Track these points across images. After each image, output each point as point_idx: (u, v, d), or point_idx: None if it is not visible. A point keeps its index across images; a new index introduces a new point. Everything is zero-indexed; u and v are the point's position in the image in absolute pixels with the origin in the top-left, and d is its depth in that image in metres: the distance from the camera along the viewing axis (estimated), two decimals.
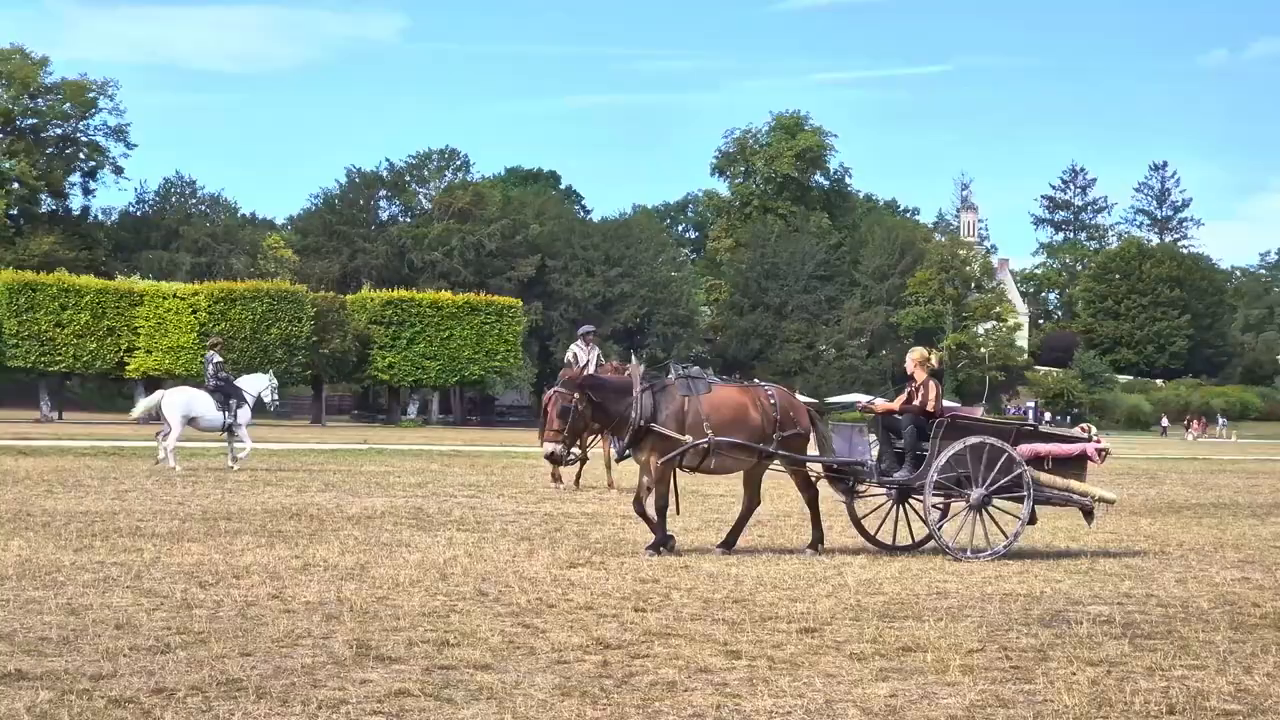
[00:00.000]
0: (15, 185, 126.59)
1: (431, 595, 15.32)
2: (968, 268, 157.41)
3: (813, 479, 21.49)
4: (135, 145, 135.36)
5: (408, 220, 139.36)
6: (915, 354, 21.83)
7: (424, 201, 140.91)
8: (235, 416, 37.15)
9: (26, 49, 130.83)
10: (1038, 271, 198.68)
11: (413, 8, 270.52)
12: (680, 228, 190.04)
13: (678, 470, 20.75)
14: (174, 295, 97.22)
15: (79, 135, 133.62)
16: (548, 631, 13.28)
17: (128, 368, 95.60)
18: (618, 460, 21.43)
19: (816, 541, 20.74)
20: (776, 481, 24.24)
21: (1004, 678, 11.65)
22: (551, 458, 20.89)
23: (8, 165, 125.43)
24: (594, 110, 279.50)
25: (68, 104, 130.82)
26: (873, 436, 21.70)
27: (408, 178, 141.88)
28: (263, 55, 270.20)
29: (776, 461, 21.05)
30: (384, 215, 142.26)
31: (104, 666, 11.27)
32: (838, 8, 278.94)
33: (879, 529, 21.60)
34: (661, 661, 12.02)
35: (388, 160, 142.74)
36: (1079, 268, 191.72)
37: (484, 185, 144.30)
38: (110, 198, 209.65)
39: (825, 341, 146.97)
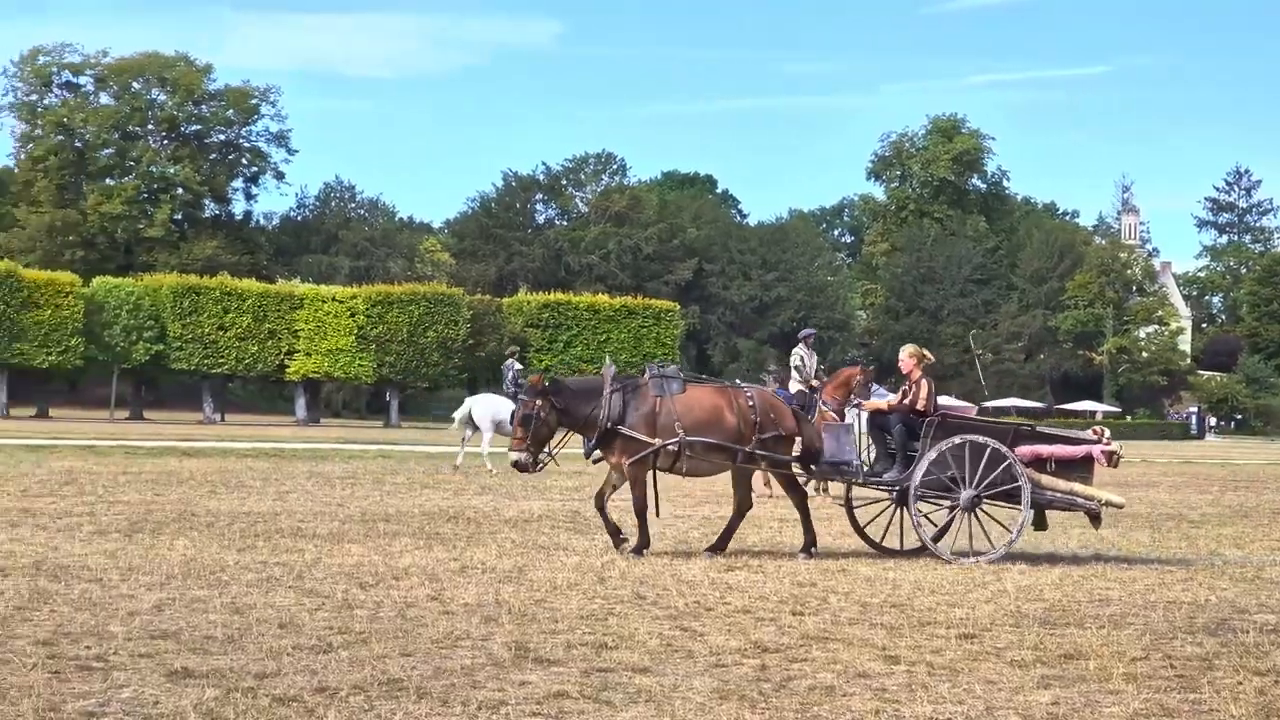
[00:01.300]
0: (180, 191, 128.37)
1: (589, 598, 15.35)
2: (1128, 271, 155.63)
3: (800, 481, 21.09)
4: (296, 151, 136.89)
5: (564, 224, 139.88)
6: (909, 351, 21.25)
7: (580, 205, 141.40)
8: None
9: (191, 56, 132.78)
10: (1201, 275, 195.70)
11: (568, 13, 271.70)
12: (836, 232, 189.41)
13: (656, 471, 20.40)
14: (333, 298, 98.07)
15: (241, 141, 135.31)
16: (705, 635, 13.26)
17: (288, 370, 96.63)
18: (591, 461, 20.92)
19: (809, 545, 20.14)
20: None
21: (1168, 687, 11.48)
22: (517, 466, 20.43)
23: (172, 171, 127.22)
24: (750, 114, 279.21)
25: (231, 110, 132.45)
26: (869, 438, 21.31)
27: (564, 181, 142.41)
28: (420, 61, 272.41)
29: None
30: (540, 219, 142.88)
31: (268, 665, 11.38)
32: (994, 8, 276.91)
33: (885, 534, 21.19)
34: (820, 666, 11.97)
35: (544, 164, 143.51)
36: (1243, 271, 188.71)
37: (641, 189, 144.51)
38: (272, 203, 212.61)
39: (982, 345, 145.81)
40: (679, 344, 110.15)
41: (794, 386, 31.91)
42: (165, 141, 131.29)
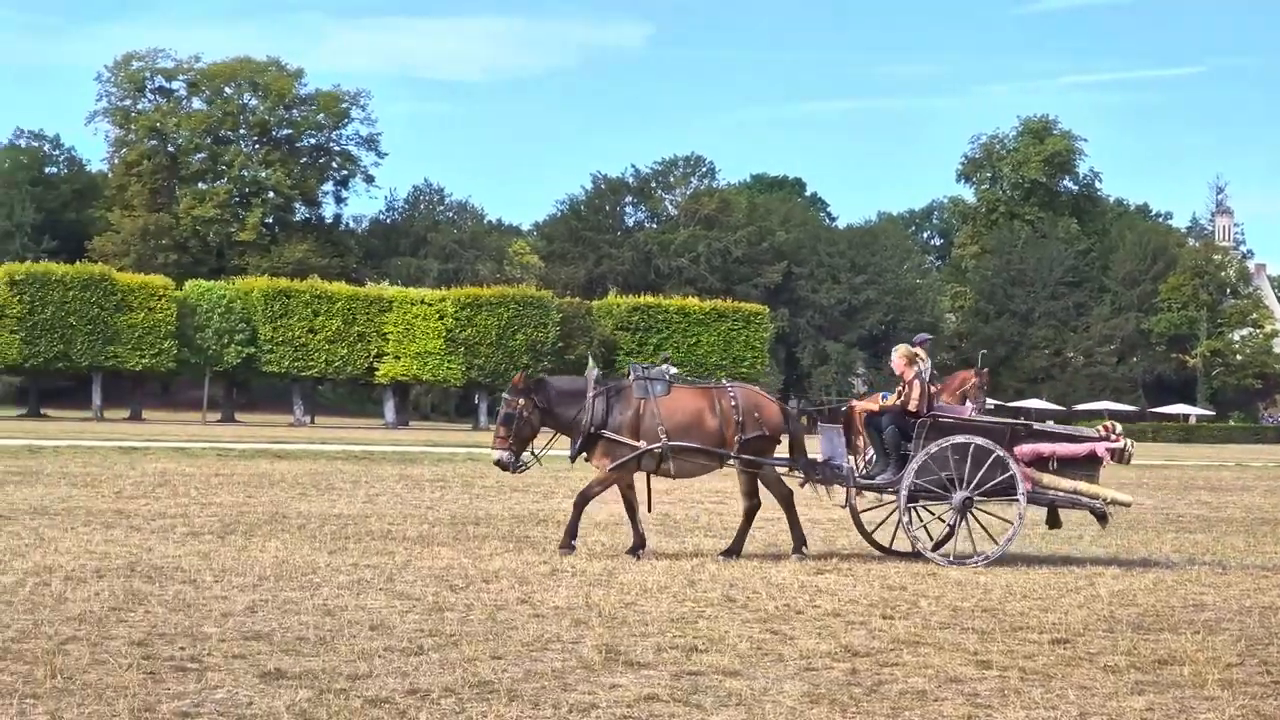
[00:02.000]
0: (271, 195, 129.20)
1: (679, 601, 15.35)
2: (1222, 273, 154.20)
3: (785, 481, 20.78)
4: (386, 154, 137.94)
5: (653, 226, 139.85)
6: (900, 352, 20.91)
7: (670, 208, 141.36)
8: None
9: (282, 61, 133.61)
10: None
11: (658, 15, 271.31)
12: (925, 235, 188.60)
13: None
14: (422, 301, 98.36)
15: (332, 145, 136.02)
16: (796, 638, 13.23)
17: (377, 373, 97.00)
18: (571, 461, 20.89)
19: (799, 544, 20.03)
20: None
21: (1264, 693, 11.38)
22: (499, 464, 20.33)
23: (264, 175, 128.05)
24: (839, 116, 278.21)
25: (321, 115, 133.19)
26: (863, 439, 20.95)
27: (653, 184, 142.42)
28: (509, 64, 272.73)
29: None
30: (630, 221, 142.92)
31: (360, 667, 11.44)
32: (1087, 9, 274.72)
33: (893, 536, 20.95)
34: (911, 670, 11.92)
35: (633, 167, 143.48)
36: None
37: (730, 192, 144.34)
38: (361, 206, 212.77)
39: (1073, 348, 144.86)
40: (768, 347, 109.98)
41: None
42: (257, 145, 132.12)
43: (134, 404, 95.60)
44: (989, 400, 44.03)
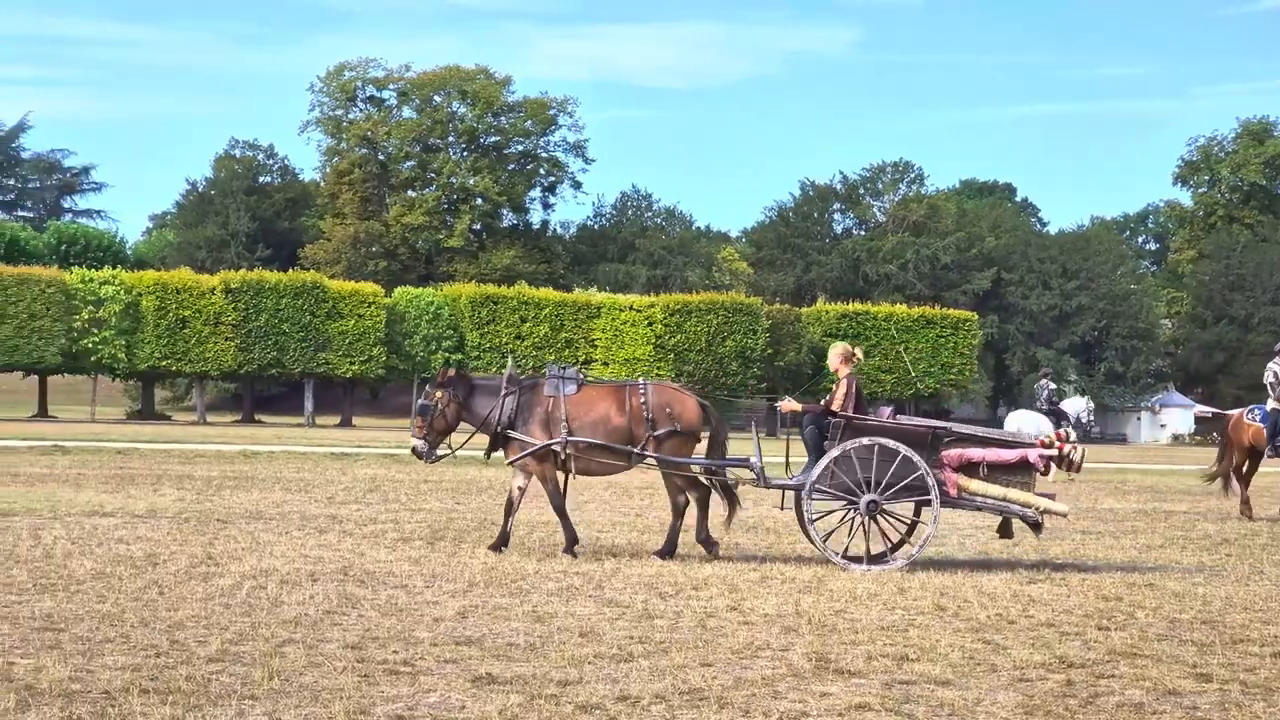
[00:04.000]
0: (479, 201, 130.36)
1: (889, 609, 15.23)
2: None
3: (703, 481, 20.33)
4: (593, 160, 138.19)
5: (862, 233, 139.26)
6: (836, 350, 20.44)
7: (878, 214, 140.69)
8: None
9: (490, 70, 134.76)
10: None
11: (865, 19, 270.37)
12: (1140, 239, 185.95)
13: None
14: (630, 308, 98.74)
15: (539, 152, 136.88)
16: (1009, 648, 13.06)
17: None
18: (486, 458, 20.84)
19: (666, 551, 19.71)
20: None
21: None
22: (414, 452, 20.39)
23: (472, 182, 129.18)
24: (1051, 119, 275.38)
25: (529, 122, 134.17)
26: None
27: (861, 190, 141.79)
28: (716, 70, 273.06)
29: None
30: (838, 228, 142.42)
31: (570, 673, 11.46)
32: None
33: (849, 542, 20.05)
34: (1128, 682, 11.71)
35: (841, 173, 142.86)
36: None
37: (938, 198, 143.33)
38: (569, 212, 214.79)
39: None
40: (976, 354, 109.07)
41: (1270, 404, 30.65)
42: (465, 153, 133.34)
43: (344, 410, 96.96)
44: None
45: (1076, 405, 45.44)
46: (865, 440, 19.30)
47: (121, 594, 14.86)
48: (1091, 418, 45.02)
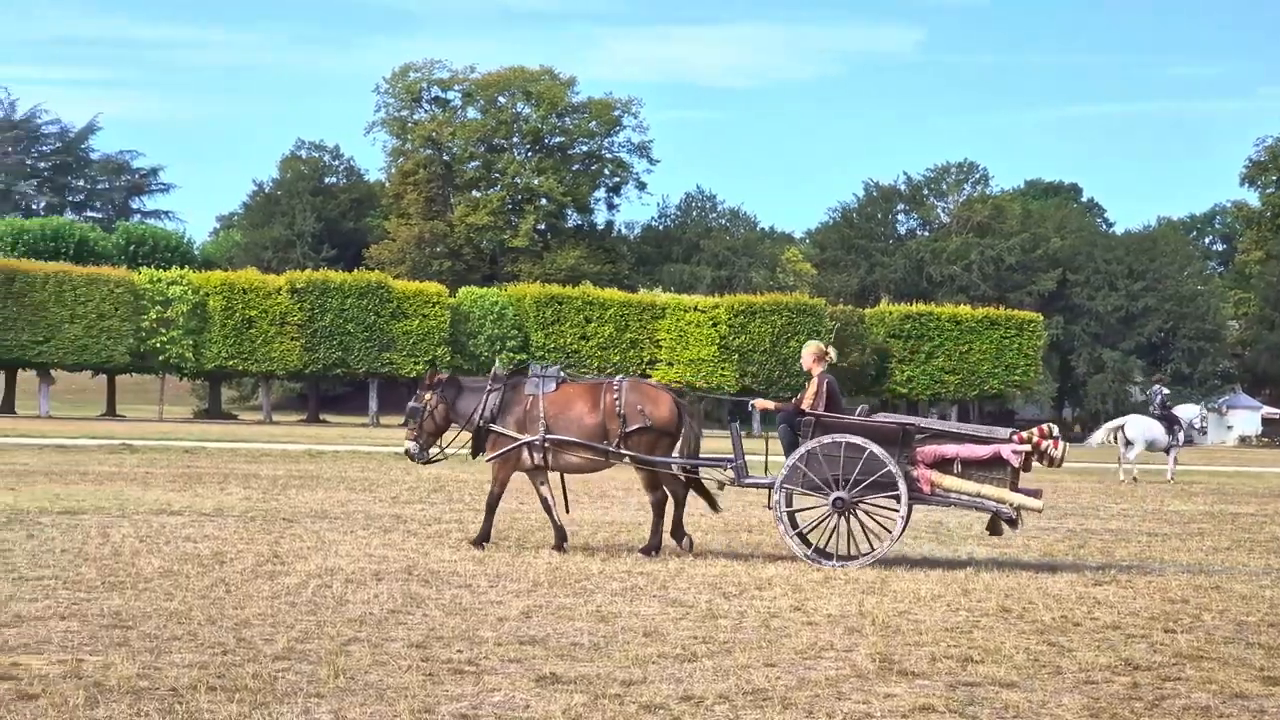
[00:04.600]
0: (543, 201, 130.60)
1: (953, 610, 15.20)
2: None
3: (676, 477, 20.40)
4: (657, 161, 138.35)
5: (926, 234, 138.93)
6: (812, 348, 20.44)
7: (942, 215, 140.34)
8: (1177, 440, 46.22)
9: (555, 70, 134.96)
10: None
11: (930, 20, 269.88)
12: (1207, 240, 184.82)
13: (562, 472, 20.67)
14: (695, 308, 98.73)
15: (604, 152, 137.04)
16: (1074, 650, 13.02)
17: (649, 380, 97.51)
18: (473, 457, 21.11)
19: (651, 549, 19.76)
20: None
21: None
22: (407, 454, 20.87)
23: (536, 182, 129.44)
24: (1117, 120, 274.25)
25: (593, 122, 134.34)
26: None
27: (925, 191, 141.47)
28: (780, 71, 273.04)
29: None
30: (902, 229, 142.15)
31: (634, 673, 11.47)
32: None
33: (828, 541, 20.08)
34: (1194, 685, 11.66)
35: (905, 174, 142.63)
36: None
37: (1003, 198, 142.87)
38: (633, 213, 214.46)
39: None
40: (1041, 355, 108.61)
41: None
42: (529, 153, 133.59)
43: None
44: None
45: (1190, 411, 47.67)
46: (831, 438, 19.36)
47: (189, 592, 14.95)
48: (1205, 424, 46.80)
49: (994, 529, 20.10)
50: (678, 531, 20.21)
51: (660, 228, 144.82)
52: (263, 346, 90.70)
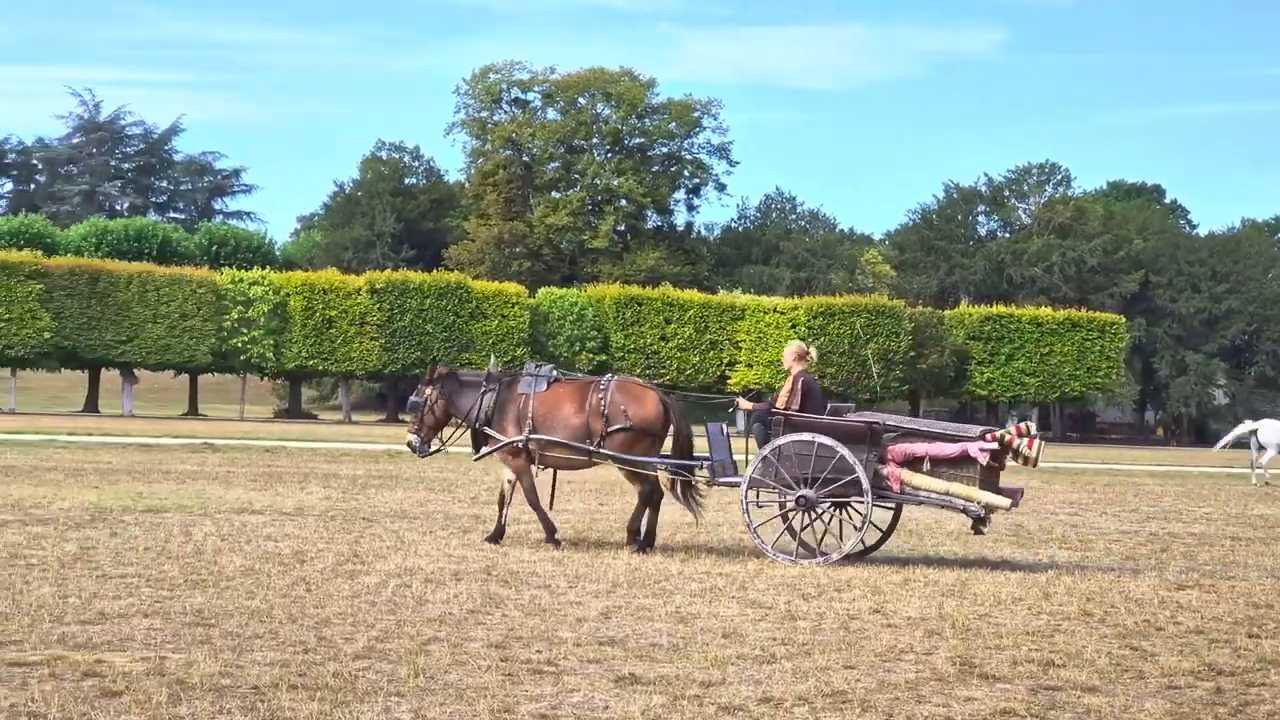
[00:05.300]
0: (623, 202, 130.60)
1: (1035, 614, 15.13)
2: None
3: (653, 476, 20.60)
4: (737, 163, 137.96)
5: (1006, 235, 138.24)
6: (792, 348, 20.86)
7: (1023, 216, 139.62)
8: None
9: (635, 71, 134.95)
10: None
11: (1013, 20, 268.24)
12: None
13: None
14: (774, 310, 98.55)
15: (683, 154, 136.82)
16: (1157, 655, 12.94)
17: (729, 381, 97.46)
18: (475, 458, 21.41)
19: (644, 544, 20.08)
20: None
21: None
22: (409, 447, 21.45)
23: (616, 183, 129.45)
24: (1202, 121, 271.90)
25: (673, 123, 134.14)
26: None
27: (1006, 193, 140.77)
28: (860, 72, 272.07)
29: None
30: (982, 230, 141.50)
31: (713, 674, 11.47)
32: None
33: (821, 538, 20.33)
34: (1279, 691, 11.56)
35: (986, 175, 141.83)
36: None
37: (1085, 200, 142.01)
38: (713, 214, 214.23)
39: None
40: (1123, 358, 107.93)
41: None
42: (609, 154, 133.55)
43: None
44: None
45: None
46: (795, 436, 19.53)
47: (270, 590, 15.04)
48: None
49: (977, 529, 20.16)
50: (634, 526, 20.58)
51: (740, 229, 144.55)
52: (342, 346, 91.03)
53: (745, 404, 21.48)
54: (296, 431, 65.15)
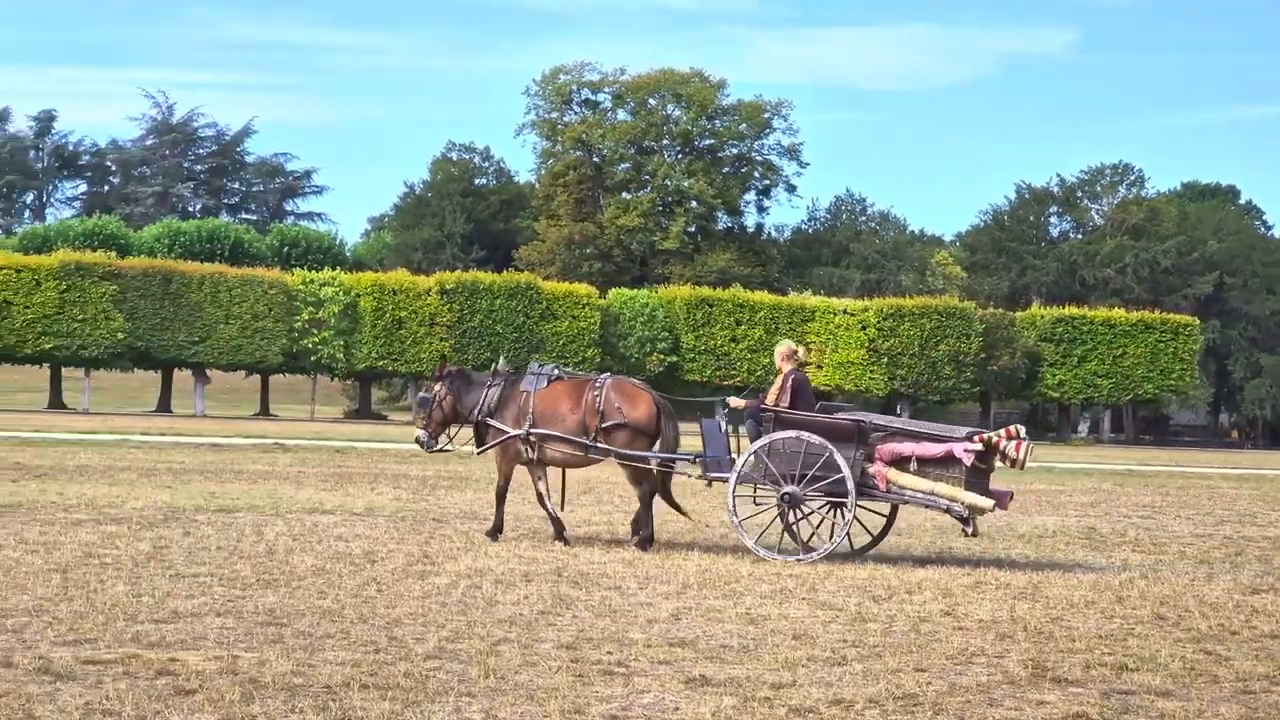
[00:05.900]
0: (694, 204, 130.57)
1: (1108, 617, 15.04)
2: None
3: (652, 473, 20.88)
4: (807, 164, 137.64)
5: (1079, 236, 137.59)
6: (782, 347, 20.94)
7: (1096, 217, 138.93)
8: None
9: (705, 73, 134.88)
10: None
11: (1085, 19, 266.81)
12: None
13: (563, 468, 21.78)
14: (844, 311, 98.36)
15: (753, 155, 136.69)
16: (1231, 659, 12.85)
17: None
18: (477, 453, 22.09)
19: (645, 540, 20.34)
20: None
21: None
22: (418, 442, 22.03)
23: (686, 184, 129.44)
24: (1276, 121, 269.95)
25: (743, 125, 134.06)
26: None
27: (1079, 193, 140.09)
28: (931, 73, 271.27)
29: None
30: (1054, 231, 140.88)
31: (783, 676, 11.45)
32: None
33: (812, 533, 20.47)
34: None
35: (1058, 175, 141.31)
36: None
37: (1159, 201, 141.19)
38: (783, 215, 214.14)
39: None
40: (1197, 360, 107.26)
41: None
42: (679, 155, 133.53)
43: None
44: None
45: None
46: (783, 434, 19.69)
47: (341, 590, 15.10)
48: None
49: (964, 530, 20.12)
50: (645, 534, 20.72)
51: (810, 230, 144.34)
52: (412, 347, 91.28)
53: (736, 401, 21.55)
54: (366, 432, 65.40)
